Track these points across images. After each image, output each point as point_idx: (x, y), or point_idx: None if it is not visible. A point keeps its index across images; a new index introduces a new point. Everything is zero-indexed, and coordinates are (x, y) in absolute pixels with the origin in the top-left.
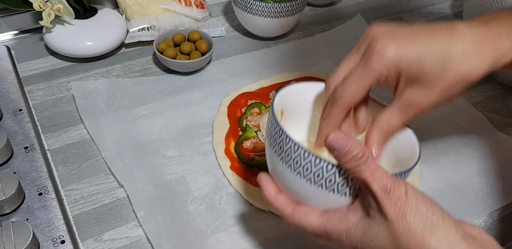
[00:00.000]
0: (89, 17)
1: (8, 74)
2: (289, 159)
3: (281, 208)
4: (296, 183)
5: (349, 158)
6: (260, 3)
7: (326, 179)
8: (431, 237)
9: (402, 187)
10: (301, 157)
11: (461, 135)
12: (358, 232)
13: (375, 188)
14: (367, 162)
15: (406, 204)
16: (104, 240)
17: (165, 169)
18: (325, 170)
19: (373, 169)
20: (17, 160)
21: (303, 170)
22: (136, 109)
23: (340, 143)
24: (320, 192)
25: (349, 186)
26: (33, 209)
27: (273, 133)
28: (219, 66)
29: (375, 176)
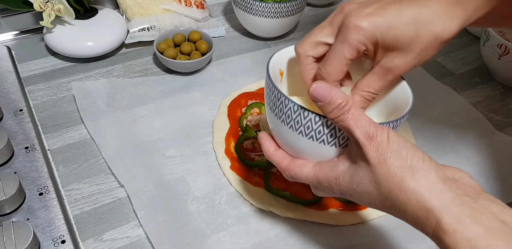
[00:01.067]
0: (89, 18)
1: (9, 74)
2: (282, 114)
3: (279, 162)
4: (290, 137)
5: (333, 108)
6: (260, 3)
7: (315, 131)
8: (410, 179)
9: (384, 133)
10: (291, 110)
11: (461, 135)
12: (345, 179)
13: (358, 134)
14: (350, 110)
15: (387, 149)
16: (105, 240)
17: (166, 169)
18: (313, 121)
19: (356, 117)
20: (18, 160)
21: (294, 123)
22: (136, 109)
23: (322, 93)
24: (311, 144)
25: (337, 136)
26: (33, 209)
27: (267, 90)
28: (219, 67)
29: (358, 124)
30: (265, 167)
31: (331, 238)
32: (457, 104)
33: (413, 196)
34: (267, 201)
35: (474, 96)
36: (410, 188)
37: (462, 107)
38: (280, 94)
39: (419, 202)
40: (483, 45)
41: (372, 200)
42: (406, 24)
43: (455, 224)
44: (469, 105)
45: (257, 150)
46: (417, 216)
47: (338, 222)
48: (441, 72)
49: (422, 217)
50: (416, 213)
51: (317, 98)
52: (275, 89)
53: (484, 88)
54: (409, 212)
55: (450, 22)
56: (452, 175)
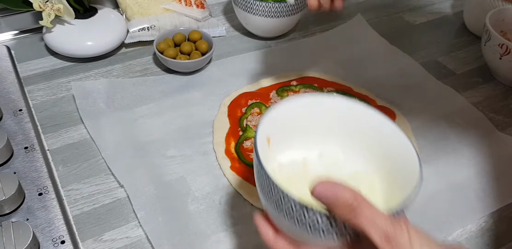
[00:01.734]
0: (89, 17)
1: (8, 74)
2: (281, 208)
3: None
4: (293, 229)
5: (341, 210)
6: (260, 3)
7: (322, 229)
8: None
9: (404, 233)
10: (294, 207)
11: (461, 135)
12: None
13: (374, 236)
14: (363, 210)
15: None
16: (104, 240)
17: (166, 169)
18: (320, 220)
19: (370, 216)
20: (17, 160)
21: (297, 219)
22: (136, 109)
23: (326, 193)
24: (318, 240)
25: (347, 232)
26: (33, 209)
27: (261, 180)
28: (219, 66)
29: (373, 223)
30: None
31: None
32: (458, 104)
33: None
34: None
35: (475, 96)
36: None
37: (463, 107)
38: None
39: None
40: (484, 45)
41: None
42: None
43: None
44: (470, 105)
45: None
46: None
47: None
48: (442, 72)
49: None
50: None
51: (322, 199)
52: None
53: (485, 88)
54: None
55: None
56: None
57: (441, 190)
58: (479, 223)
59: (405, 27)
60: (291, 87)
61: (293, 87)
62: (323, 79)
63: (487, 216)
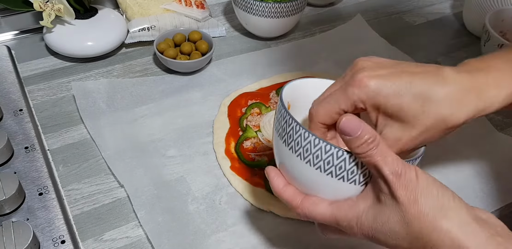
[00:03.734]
0: (89, 17)
1: (9, 74)
2: (299, 148)
3: (290, 200)
4: (305, 172)
5: (361, 142)
6: (260, 3)
7: (336, 166)
8: (442, 219)
9: (412, 171)
10: (312, 144)
11: (461, 135)
12: (369, 218)
13: (386, 172)
14: (379, 146)
15: (417, 187)
16: (105, 240)
17: (166, 169)
18: (335, 156)
19: (384, 153)
20: (18, 160)
21: (313, 157)
22: (136, 109)
23: (352, 127)
24: (330, 181)
25: (359, 173)
26: (33, 209)
27: (282, 122)
28: (219, 67)
29: (386, 160)
30: (265, 167)
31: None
32: None
33: (446, 235)
34: (267, 201)
35: None
36: (443, 227)
37: None
38: (298, 127)
39: (453, 242)
40: (483, 45)
41: (399, 241)
42: (413, 95)
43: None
44: None
45: (257, 150)
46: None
47: None
48: None
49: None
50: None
51: (346, 132)
52: (292, 121)
53: None
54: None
55: (460, 109)
56: (481, 215)
57: None
58: None
59: (405, 27)
60: None
61: None
62: None
63: None
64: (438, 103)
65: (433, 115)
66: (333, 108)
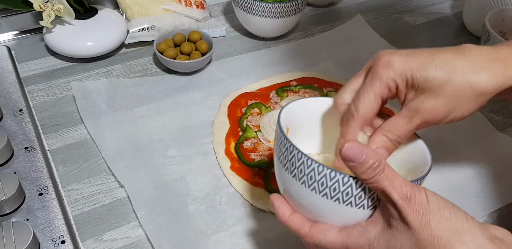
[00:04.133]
0: (89, 18)
1: (9, 74)
2: (302, 175)
3: (297, 228)
4: (311, 199)
5: (366, 168)
6: (260, 3)
7: (343, 192)
8: (458, 242)
9: (422, 194)
10: (315, 171)
11: (461, 135)
12: (381, 244)
13: (395, 196)
14: (384, 171)
15: (429, 210)
16: (105, 240)
17: (166, 169)
18: (341, 183)
19: (391, 177)
20: (18, 160)
21: (318, 185)
22: (136, 109)
23: (355, 153)
24: (337, 207)
25: (366, 197)
26: (33, 209)
27: (282, 150)
28: (219, 67)
29: (394, 185)
30: (265, 167)
31: None
32: None
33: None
34: (267, 201)
35: None
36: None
37: None
38: (300, 154)
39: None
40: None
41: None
42: (437, 66)
43: None
44: None
45: (257, 150)
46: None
47: None
48: None
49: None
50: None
51: (349, 158)
52: (293, 148)
53: None
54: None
55: (488, 75)
56: (495, 234)
57: (441, 190)
58: None
59: (405, 27)
60: (290, 88)
61: (292, 87)
62: (322, 79)
63: (486, 216)
64: (464, 70)
65: (459, 81)
66: (371, 99)
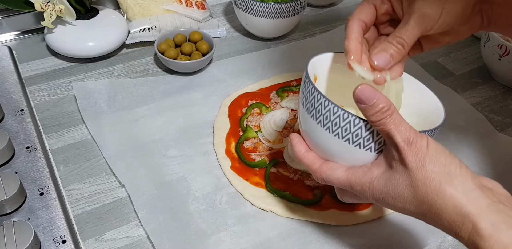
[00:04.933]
0: (90, 18)
1: (10, 74)
2: (319, 115)
3: (310, 163)
4: (325, 138)
5: (375, 111)
6: (260, 4)
7: (353, 133)
8: (447, 185)
9: (423, 140)
10: (331, 112)
11: (461, 135)
12: (380, 183)
13: (398, 139)
14: (393, 115)
15: (427, 154)
16: (105, 239)
17: (166, 169)
18: (352, 124)
19: (397, 122)
20: (19, 159)
21: (332, 124)
22: (137, 109)
23: (367, 96)
24: (347, 147)
25: (374, 141)
26: (34, 209)
27: (305, 91)
28: (219, 67)
29: (399, 129)
30: (265, 167)
31: (331, 238)
32: (458, 104)
33: (450, 200)
34: (268, 201)
35: (474, 97)
36: (447, 193)
37: (463, 108)
38: (320, 96)
39: (455, 206)
40: (483, 45)
41: (407, 205)
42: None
43: (491, 229)
44: (469, 105)
45: (257, 150)
46: (453, 220)
47: (338, 222)
48: (442, 72)
49: (458, 221)
50: (452, 218)
51: (361, 100)
52: (314, 90)
53: (485, 89)
54: (444, 216)
55: None
56: (486, 184)
57: None
58: None
59: None
60: (291, 88)
61: (293, 87)
62: None
63: None
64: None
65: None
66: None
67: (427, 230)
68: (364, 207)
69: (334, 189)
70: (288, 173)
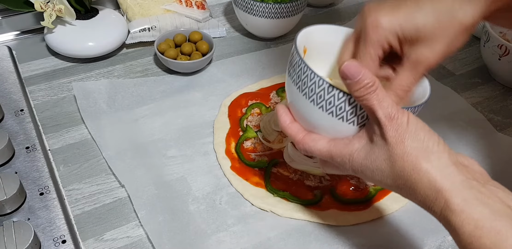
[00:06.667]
0: (90, 18)
1: (10, 74)
2: (305, 87)
3: (293, 134)
4: (309, 110)
5: (360, 86)
6: (260, 4)
7: (337, 107)
8: (424, 160)
9: (405, 116)
10: (316, 84)
11: (461, 135)
12: (360, 156)
13: (380, 115)
14: (376, 91)
15: (406, 130)
16: (105, 239)
17: (166, 169)
18: (336, 97)
19: (381, 98)
20: (19, 160)
21: (317, 97)
22: (137, 109)
23: (353, 71)
24: (330, 119)
25: (357, 115)
26: (34, 209)
27: (293, 63)
28: (219, 67)
29: (382, 105)
30: (265, 167)
31: (331, 238)
32: (457, 105)
33: (425, 175)
34: (268, 201)
35: (474, 97)
36: (423, 168)
37: (462, 108)
38: (306, 68)
39: (430, 181)
40: (483, 45)
41: (384, 178)
42: (425, 14)
43: (463, 205)
44: (469, 105)
45: (257, 150)
46: (427, 195)
47: (338, 222)
48: (441, 72)
49: (431, 196)
50: (426, 192)
51: (347, 76)
52: (301, 62)
53: (484, 89)
54: (419, 190)
55: (471, 8)
56: (463, 161)
57: None
58: None
59: None
60: None
61: None
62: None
63: None
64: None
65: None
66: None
67: (427, 230)
68: (364, 207)
69: (334, 189)
70: (288, 173)
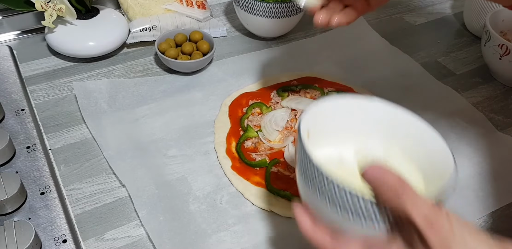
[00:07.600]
0: (91, 18)
1: (11, 74)
2: (323, 195)
3: (320, 243)
4: (333, 218)
5: (387, 191)
6: (261, 4)
7: (364, 215)
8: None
9: (444, 216)
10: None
11: (461, 135)
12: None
13: (417, 219)
14: (406, 191)
15: (451, 234)
16: (106, 239)
17: (167, 169)
18: (362, 205)
19: (412, 199)
20: (19, 159)
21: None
22: (137, 109)
23: (376, 176)
24: (358, 227)
25: (388, 217)
26: (35, 209)
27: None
28: (220, 66)
29: (416, 207)
30: (266, 166)
31: None
32: (458, 104)
33: None
34: (268, 200)
35: (475, 97)
36: None
37: (463, 107)
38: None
39: None
40: (484, 45)
41: None
42: None
43: None
44: (470, 105)
45: (258, 149)
46: None
47: None
48: (442, 72)
49: None
50: None
51: (371, 182)
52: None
53: (485, 89)
54: None
55: None
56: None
57: None
58: (479, 223)
59: (405, 27)
60: (291, 88)
61: (293, 87)
62: (323, 79)
63: (487, 216)
64: None
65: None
66: None
67: None
68: None
69: None
70: (289, 172)
